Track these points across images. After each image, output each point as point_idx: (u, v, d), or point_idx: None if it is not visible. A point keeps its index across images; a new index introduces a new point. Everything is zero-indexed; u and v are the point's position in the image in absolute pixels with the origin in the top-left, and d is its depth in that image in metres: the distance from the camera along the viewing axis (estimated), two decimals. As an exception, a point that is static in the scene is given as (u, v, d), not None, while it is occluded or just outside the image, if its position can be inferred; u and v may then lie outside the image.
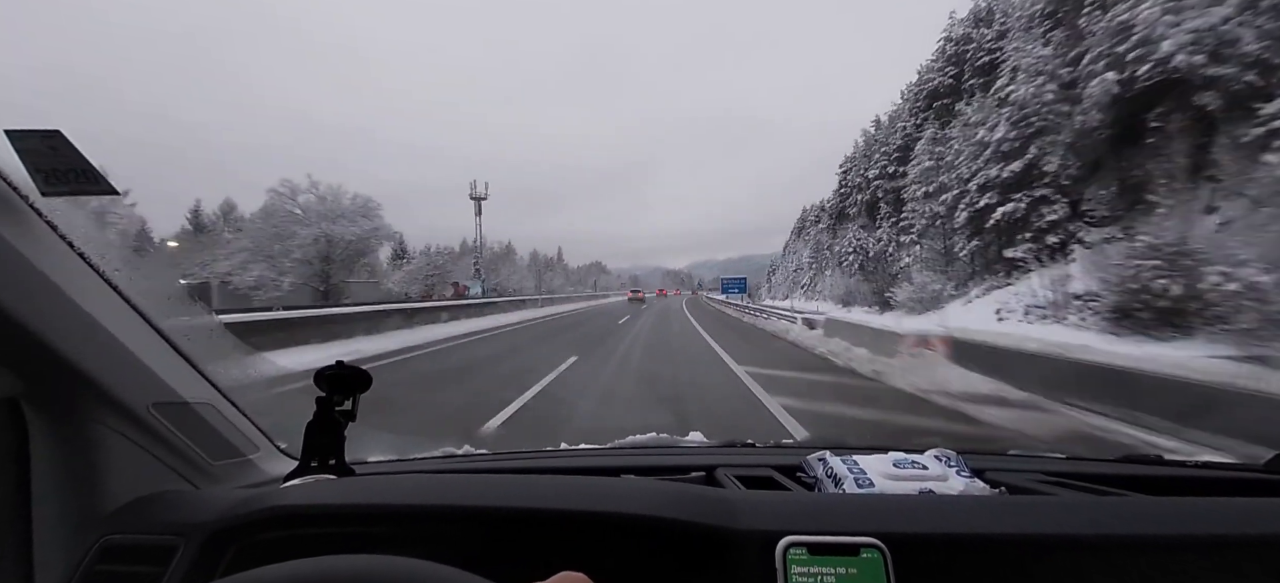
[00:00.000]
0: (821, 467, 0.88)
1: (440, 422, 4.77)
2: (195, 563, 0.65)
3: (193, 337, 0.87)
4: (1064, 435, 3.99)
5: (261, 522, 0.66)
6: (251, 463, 0.95)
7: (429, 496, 0.69)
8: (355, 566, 0.37)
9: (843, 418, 4.85)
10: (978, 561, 0.58)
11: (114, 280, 0.72)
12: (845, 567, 0.55)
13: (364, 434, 0.91)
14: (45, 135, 0.60)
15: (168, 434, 0.80)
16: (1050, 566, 0.58)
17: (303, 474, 0.82)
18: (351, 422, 0.86)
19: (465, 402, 5.66)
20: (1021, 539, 0.59)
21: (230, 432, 0.90)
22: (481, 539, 0.65)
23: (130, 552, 0.69)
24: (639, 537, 0.63)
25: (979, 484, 0.82)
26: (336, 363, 0.84)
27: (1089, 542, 0.58)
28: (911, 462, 0.86)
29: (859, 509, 0.66)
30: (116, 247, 0.75)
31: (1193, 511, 0.64)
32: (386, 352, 9.62)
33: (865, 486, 0.79)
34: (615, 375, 7.13)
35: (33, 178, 0.61)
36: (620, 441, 1.36)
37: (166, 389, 0.79)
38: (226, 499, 0.72)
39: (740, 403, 5.43)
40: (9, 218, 0.58)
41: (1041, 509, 0.66)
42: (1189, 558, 0.57)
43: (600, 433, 1.45)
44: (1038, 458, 1.09)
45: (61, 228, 0.65)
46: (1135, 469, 0.97)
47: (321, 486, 0.77)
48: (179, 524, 0.69)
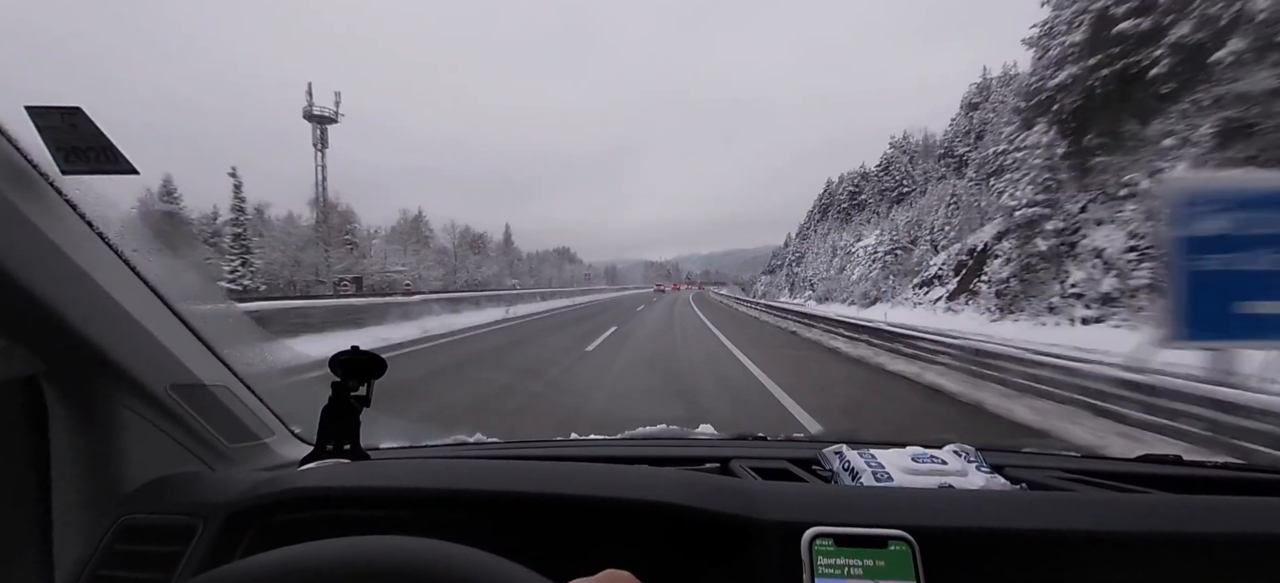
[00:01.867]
0: (838, 460, 0.87)
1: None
2: (214, 543, 0.65)
3: (209, 320, 0.88)
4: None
5: (280, 504, 0.66)
6: (267, 446, 0.95)
7: (447, 480, 0.68)
8: (384, 546, 0.37)
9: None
10: (1002, 556, 0.57)
11: (133, 262, 0.72)
12: (872, 559, 0.54)
13: (378, 421, 0.91)
14: (66, 112, 0.60)
15: (185, 416, 0.80)
16: (1074, 562, 0.57)
17: (318, 458, 0.82)
18: (366, 407, 0.86)
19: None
20: (1045, 535, 0.58)
21: (246, 415, 0.91)
22: (499, 525, 0.64)
23: (149, 532, 0.69)
24: (659, 525, 0.62)
25: (999, 480, 0.80)
26: (352, 348, 0.84)
27: (1112, 539, 0.58)
28: (930, 457, 0.84)
29: (882, 502, 0.64)
30: (136, 227, 0.75)
31: (1215, 509, 0.63)
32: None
33: (884, 479, 0.78)
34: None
35: (53, 156, 0.61)
36: (631, 431, 1.36)
37: (184, 371, 0.79)
38: (244, 481, 0.73)
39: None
40: (29, 196, 0.58)
41: (1064, 506, 0.65)
42: (1211, 557, 0.57)
43: (610, 425, 1.44)
44: (1054, 455, 1.07)
45: (81, 207, 0.65)
46: (1153, 468, 0.95)
47: (339, 469, 0.77)
48: (198, 505, 0.70)
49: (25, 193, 0.57)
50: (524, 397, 5.89)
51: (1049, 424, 4.36)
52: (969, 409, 5.31)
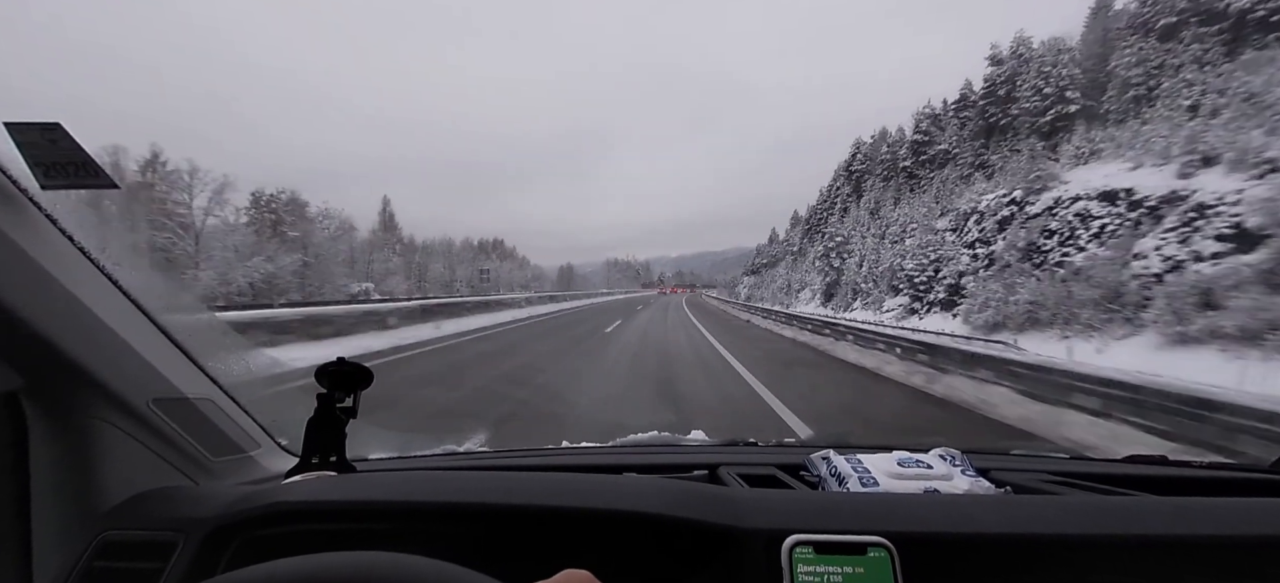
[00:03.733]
0: (825, 465, 0.87)
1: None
2: (195, 559, 0.64)
3: (192, 332, 0.87)
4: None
5: (263, 518, 0.65)
6: (252, 459, 0.94)
7: (431, 492, 0.68)
8: (359, 562, 0.36)
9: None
10: (985, 560, 0.57)
11: (113, 275, 0.72)
12: (852, 566, 0.55)
13: (364, 432, 0.90)
14: (45, 128, 0.60)
15: (168, 430, 0.79)
16: (1058, 566, 0.57)
17: (304, 471, 0.81)
18: (352, 419, 0.85)
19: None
20: (1029, 539, 0.59)
21: (231, 428, 0.90)
22: (484, 537, 0.64)
23: (129, 548, 0.68)
24: (642, 534, 0.62)
25: (984, 483, 0.81)
26: (338, 359, 0.84)
27: (1097, 542, 0.58)
28: (916, 461, 0.85)
29: (865, 508, 0.65)
30: (117, 240, 0.74)
31: (1200, 511, 0.63)
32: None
33: (870, 484, 0.79)
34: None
35: (32, 171, 0.61)
36: (621, 439, 1.36)
37: (167, 385, 0.78)
38: (227, 495, 0.72)
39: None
40: (8, 211, 0.58)
41: (1049, 509, 0.65)
42: (1196, 559, 0.57)
43: (601, 431, 1.44)
44: (1042, 457, 1.08)
45: (61, 221, 0.64)
46: (1140, 469, 0.96)
47: (323, 482, 0.76)
48: (179, 520, 0.69)
49: (4, 208, 0.57)
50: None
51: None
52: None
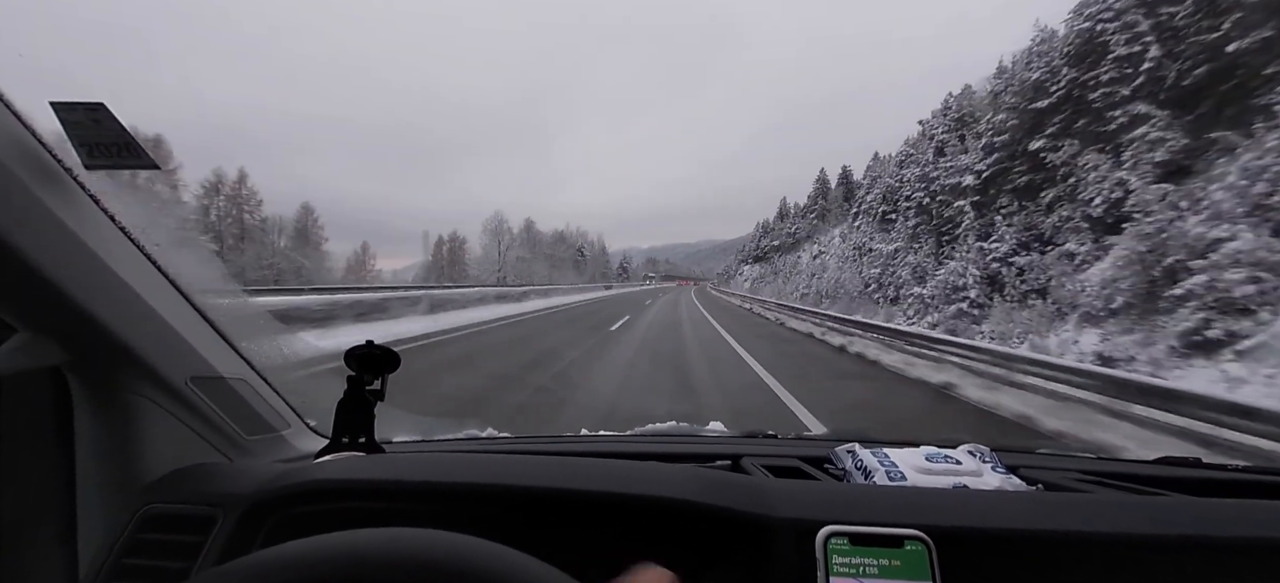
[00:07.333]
0: (851, 459, 0.86)
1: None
2: (234, 533, 0.66)
3: (227, 314, 0.89)
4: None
5: (300, 495, 0.67)
6: (283, 438, 0.96)
7: (464, 473, 0.69)
8: (416, 538, 0.37)
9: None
10: (1019, 558, 0.56)
11: (154, 256, 0.73)
12: (888, 559, 0.54)
13: (389, 415, 0.92)
14: (89, 108, 0.61)
15: (205, 408, 0.81)
16: (1092, 565, 0.56)
17: (334, 451, 0.83)
18: (381, 401, 0.87)
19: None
20: (1063, 537, 0.57)
21: (263, 408, 0.92)
22: (514, 518, 0.65)
23: (171, 521, 0.70)
24: (671, 521, 0.62)
25: (1015, 481, 0.79)
26: (367, 342, 0.85)
27: (1132, 541, 0.57)
28: (944, 456, 0.83)
29: (897, 501, 0.64)
30: (158, 222, 0.76)
31: (1237, 513, 0.61)
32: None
33: (897, 479, 0.77)
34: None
35: (77, 150, 0.62)
36: (640, 428, 1.36)
37: (204, 364, 0.80)
38: (263, 473, 0.74)
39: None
40: (54, 190, 0.59)
41: (1083, 507, 0.64)
42: (1231, 561, 0.56)
43: (618, 420, 1.45)
44: (1070, 456, 1.06)
45: (104, 201, 0.66)
46: (1172, 471, 0.93)
47: (356, 461, 0.77)
48: (217, 495, 0.71)
49: (51, 188, 0.58)
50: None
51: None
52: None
